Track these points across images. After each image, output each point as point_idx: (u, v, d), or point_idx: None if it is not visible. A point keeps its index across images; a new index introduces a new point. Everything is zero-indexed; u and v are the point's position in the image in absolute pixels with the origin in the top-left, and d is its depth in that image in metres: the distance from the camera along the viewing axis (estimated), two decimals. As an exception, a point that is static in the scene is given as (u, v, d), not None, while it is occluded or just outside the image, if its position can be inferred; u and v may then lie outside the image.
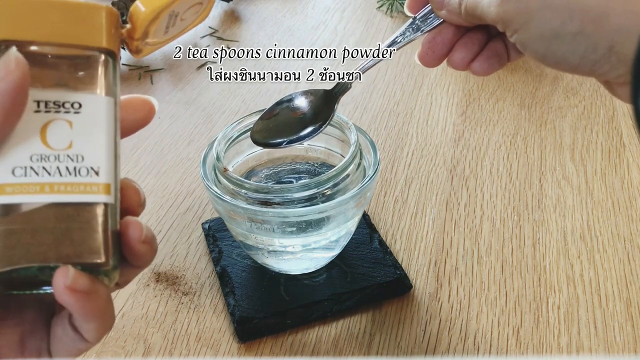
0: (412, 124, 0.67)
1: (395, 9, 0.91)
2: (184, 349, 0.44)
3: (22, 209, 0.25)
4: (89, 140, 0.27)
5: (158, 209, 0.57)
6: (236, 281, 0.47)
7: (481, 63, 0.37)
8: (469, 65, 0.37)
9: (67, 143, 0.27)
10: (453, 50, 0.37)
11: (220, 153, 0.44)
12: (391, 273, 0.47)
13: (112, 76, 0.29)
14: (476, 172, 0.59)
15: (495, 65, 0.37)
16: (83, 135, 0.27)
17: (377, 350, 0.43)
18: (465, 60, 0.37)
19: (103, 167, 0.28)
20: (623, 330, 0.44)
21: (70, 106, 0.27)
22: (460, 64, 0.37)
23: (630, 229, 0.52)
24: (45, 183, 0.26)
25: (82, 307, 0.25)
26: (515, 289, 0.47)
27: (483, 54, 0.37)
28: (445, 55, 0.38)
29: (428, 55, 0.38)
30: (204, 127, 0.68)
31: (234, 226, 0.44)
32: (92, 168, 0.27)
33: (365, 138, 0.46)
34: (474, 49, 0.37)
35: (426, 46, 0.38)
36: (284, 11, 0.94)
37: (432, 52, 0.38)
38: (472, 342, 0.44)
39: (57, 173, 0.26)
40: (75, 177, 0.27)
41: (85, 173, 0.27)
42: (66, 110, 0.27)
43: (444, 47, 0.37)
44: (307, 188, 0.41)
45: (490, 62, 0.37)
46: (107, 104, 0.28)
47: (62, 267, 0.25)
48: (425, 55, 0.38)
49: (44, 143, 0.26)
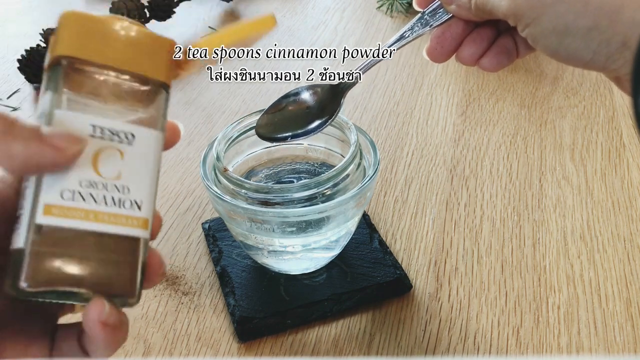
0: (412, 124, 0.67)
1: (395, 9, 0.91)
2: (184, 349, 0.44)
3: (65, 233, 0.25)
4: (137, 172, 0.27)
5: (158, 209, 0.56)
6: (236, 281, 0.47)
7: (490, 59, 0.36)
8: (478, 61, 0.37)
9: (117, 173, 0.27)
10: (462, 46, 0.37)
11: (220, 153, 0.44)
12: (391, 273, 0.47)
13: (164, 110, 0.28)
14: (476, 172, 0.59)
15: (505, 62, 0.37)
16: (132, 167, 0.27)
17: (377, 350, 0.43)
18: (475, 56, 0.37)
19: (145, 201, 0.28)
20: (623, 330, 0.44)
21: (124, 136, 0.27)
22: (469, 60, 0.37)
23: (630, 229, 0.52)
24: (90, 210, 0.26)
25: (107, 339, 0.26)
26: (515, 289, 0.47)
27: (492, 49, 0.36)
28: (454, 50, 0.37)
29: (437, 50, 0.37)
30: (204, 127, 0.68)
31: (234, 226, 0.44)
32: (135, 201, 0.27)
33: (365, 138, 0.46)
34: (483, 45, 0.36)
35: (435, 41, 0.37)
36: (284, 11, 0.94)
37: (440, 47, 0.37)
38: (472, 342, 0.44)
39: (103, 202, 0.26)
40: (119, 209, 0.27)
41: (129, 205, 0.27)
42: (120, 139, 0.27)
43: (452, 42, 0.37)
44: (307, 188, 0.41)
45: (499, 58, 0.36)
46: (157, 138, 0.28)
47: (96, 300, 0.25)
48: (434, 50, 0.38)
49: (94, 170, 0.26)
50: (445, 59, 0.38)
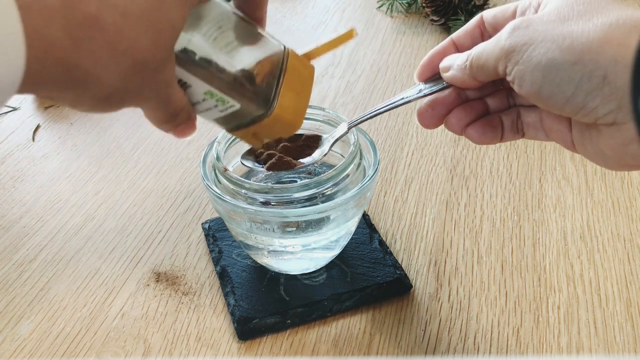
0: (412, 124, 0.67)
1: (395, 9, 0.91)
2: (184, 349, 0.44)
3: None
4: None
5: (158, 209, 0.57)
6: (236, 281, 0.47)
7: (476, 129, 0.38)
8: (465, 129, 0.38)
9: None
10: (451, 113, 0.39)
11: (220, 153, 0.44)
12: (391, 273, 0.47)
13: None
14: (476, 172, 0.59)
15: (489, 135, 0.38)
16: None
17: (377, 350, 0.43)
18: (462, 123, 0.38)
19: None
20: (623, 330, 0.44)
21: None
22: (456, 126, 0.38)
23: (630, 229, 0.52)
24: None
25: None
26: (515, 289, 0.47)
27: (479, 122, 0.38)
28: (443, 116, 0.39)
29: (427, 112, 0.39)
30: (204, 127, 0.68)
31: (234, 226, 0.44)
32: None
33: (365, 138, 0.46)
34: (471, 114, 0.38)
35: (425, 106, 0.39)
36: (284, 11, 0.94)
37: (431, 110, 0.39)
38: (472, 342, 0.44)
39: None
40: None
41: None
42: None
43: (443, 108, 0.39)
44: (307, 188, 0.41)
45: (485, 129, 0.38)
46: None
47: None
48: (425, 112, 0.39)
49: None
50: (435, 124, 0.39)
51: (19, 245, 0.53)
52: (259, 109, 0.36)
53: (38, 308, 0.47)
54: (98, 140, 0.67)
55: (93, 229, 0.55)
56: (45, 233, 0.54)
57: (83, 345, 0.44)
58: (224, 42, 0.35)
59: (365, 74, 0.76)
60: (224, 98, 0.35)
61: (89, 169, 0.62)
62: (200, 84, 0.34)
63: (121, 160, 0.63)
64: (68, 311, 0.47)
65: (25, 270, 0.51)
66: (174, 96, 0.33)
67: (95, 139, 0.67)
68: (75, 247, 0.53)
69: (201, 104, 0.36)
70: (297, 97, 0.37)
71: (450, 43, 0.39)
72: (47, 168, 0.63)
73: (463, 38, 0.39)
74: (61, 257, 0.52)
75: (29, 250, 0.53)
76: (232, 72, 0.35)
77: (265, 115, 0.36)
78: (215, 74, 0.34)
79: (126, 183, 0.60)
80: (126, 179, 0.61)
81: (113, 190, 0.59)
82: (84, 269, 0.51)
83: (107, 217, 0.56)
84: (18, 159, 0.64)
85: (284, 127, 0.38)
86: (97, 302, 0.48)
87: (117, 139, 0.67)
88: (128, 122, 0.69)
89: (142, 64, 0.29)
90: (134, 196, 0.58)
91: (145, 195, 0.59)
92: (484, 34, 0.38)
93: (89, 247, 0.53)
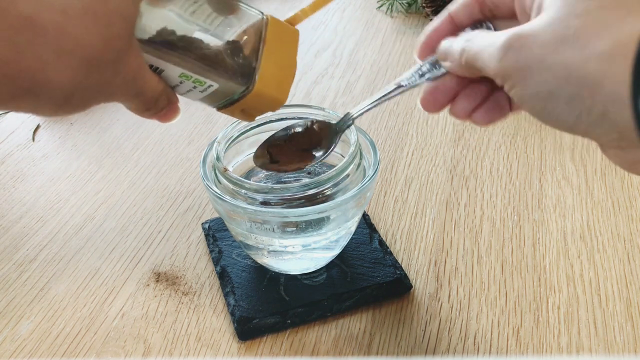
0: (412, 124, 0.67)
1: (395, 9, 0.91)
2: (184, 349, 0.44)
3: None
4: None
5: (158, 209, 0.57)
6: (236, 281, 0.47)
7: (482, 114, 0.37)
8: (471, 115, 0.38)
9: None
10: (455, 101, 0.38)
11: (220, 153, 0.44)
12: (391, 273, 0.47)
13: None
14: (476, 172, 0.59)
15: (496, 117, 0.37)
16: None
17: (377, 350, 0.43)
18: (467, 111, 0.37)
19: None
20: (623, 330, 0.44)
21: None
22: (461, 114, 0.37)
23: (630, 229, 0.52)
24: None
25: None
26: (515, 289, 0.47)
27: (485, 105, 0.37)
28: (446, 103, 0.38)
29: (429, 101, 0.38)
30: (204, 127, 0.68)
31: (234, 226, 0.44)
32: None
33: (365, 138, 0.46)
34: (476, 100, 0.37)
35: (428, 93, 0.38)
36: (284, 11, 0.93)
37: (433, 99, 0.38)
38: (472, 342, 0.44)
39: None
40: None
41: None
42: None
43: (445, 97, 0.38)
44: (307, 188, 0.41)
45: (492, 113, 0.37)
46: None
47: None
48: (427, 101, 0.38)
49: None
50: (438, 109, 0.38)
51: (19, 245, 0.53)
52: (240, 86, 0.35)
53: (38, 308, 0.47)
54: (98, 140, 0.67)
55: (93, 229, 0.55)
56: (45, 233, 0.54)
57: (83, 345, 0.44)
58: (193, 18, 0.33)
59: (365, 74, 0.76)
60: (200, 79, 0.34)
61: (89, 169, 0.62)
62: (172, 68, 0.33)
63: (121, 160, 0.63)
64: (68, 311, 0.47)
65: (25, 270, 0.51)
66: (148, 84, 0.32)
67: (95, 139, 0.67)
68: (75, 247, 0.53)
69: (180, 86, 0.35)
70: (279, 68, 0.36)
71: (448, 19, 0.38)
72: (47, 168, 0.63)
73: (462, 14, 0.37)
74: (61, 257, 0.52)
75: (29, 250, 0.53)
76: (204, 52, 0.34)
77: (248, 91, 0.35)
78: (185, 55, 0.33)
79: (126, 183, 0.60)
80: (126, 179, 0.61)
81: (113, 190, 0.59)
82: (84, 269, 0.51)
83: (107, 217, 0.56)
84: (18, 159, 0.64)
85: (268, 102, 0.37)
86: (97, 302, 0.48)
87: (117, 139, 0.67)
88: (128, 122, 0.69)
89: (95, 60, 0.27)
90: (134, 196, 0.58)
91: (145, 195, 0.59)
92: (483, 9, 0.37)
93: (89, 247, 0.53)
